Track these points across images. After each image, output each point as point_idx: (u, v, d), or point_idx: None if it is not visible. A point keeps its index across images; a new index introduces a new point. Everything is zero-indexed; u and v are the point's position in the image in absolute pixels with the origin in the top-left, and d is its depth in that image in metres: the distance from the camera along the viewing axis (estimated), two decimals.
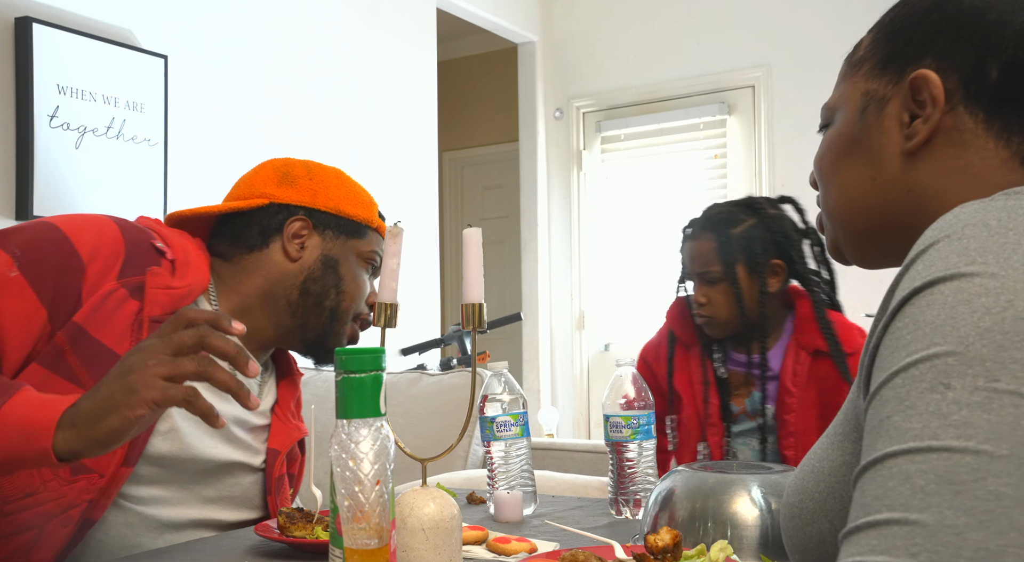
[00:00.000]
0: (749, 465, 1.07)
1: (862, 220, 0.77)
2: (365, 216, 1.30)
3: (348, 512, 0.70)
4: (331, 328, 1.27)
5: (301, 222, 1.26)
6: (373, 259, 1.31)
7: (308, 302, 1.25)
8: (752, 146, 4.16)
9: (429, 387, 2.18)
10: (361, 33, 3.32)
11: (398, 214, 3.38)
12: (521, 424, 1.31)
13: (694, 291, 1.64)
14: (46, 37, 2.28)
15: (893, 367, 0.54)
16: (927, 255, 0.57)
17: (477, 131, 5.52)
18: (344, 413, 0.72)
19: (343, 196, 1.29)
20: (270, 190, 1.26)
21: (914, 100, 0.72)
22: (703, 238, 1.63)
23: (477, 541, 1.03)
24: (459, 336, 3.14)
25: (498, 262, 5.16)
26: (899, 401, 0.52)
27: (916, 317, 0.54)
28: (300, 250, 1.25)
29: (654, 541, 0.81)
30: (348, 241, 1.28)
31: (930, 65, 0.72)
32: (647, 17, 4.36)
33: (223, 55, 2.79)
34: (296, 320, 1.25)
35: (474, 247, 0.92)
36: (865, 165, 0.75)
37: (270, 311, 1.25)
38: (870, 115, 0.75)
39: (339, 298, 1.27)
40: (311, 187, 1.27)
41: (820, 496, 0.69)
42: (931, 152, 0.72)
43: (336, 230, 1.28)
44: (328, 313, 1.26)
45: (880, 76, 0.75)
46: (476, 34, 4.68)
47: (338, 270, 1.27)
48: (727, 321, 1.62)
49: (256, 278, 1.24)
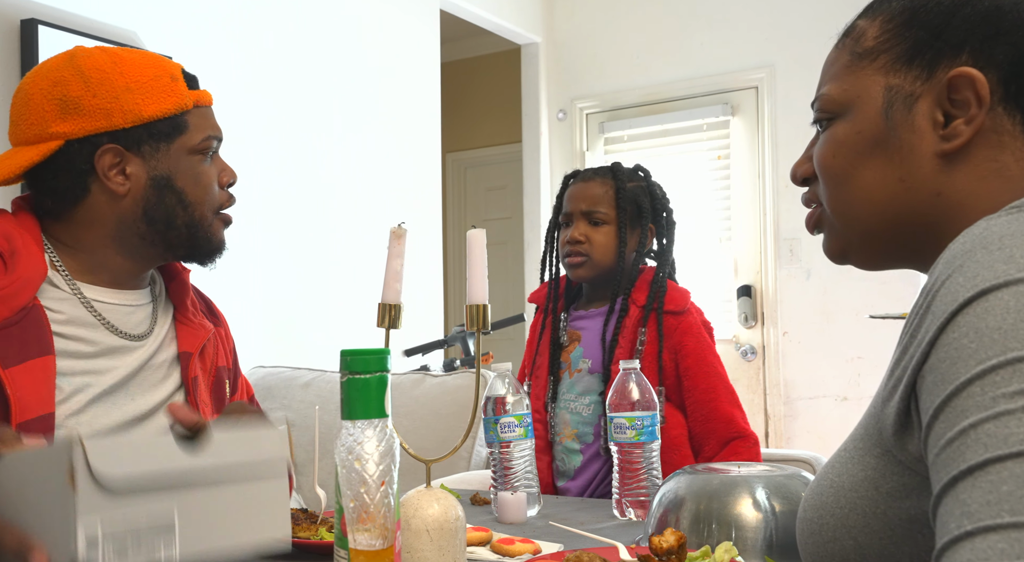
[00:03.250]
0: (754, 466, 1.07)
1: (883, 222, 0.74)
2: (175, 105, 1.12)
3: (353, 513, 0.70)
4: (197, 237, 1.16)
5: (111, 152, 1.10)
6: (208, 146, 1.16)
7: (159, 228, 1.13)
8: (755, 147, 4.15)
9: (432, 388, 2.18)
10: (364, 35, 3.33)
11: (401, 215, 3.38)
12: (525, 425, 1.32)
13: (572, 231, 1.64)
14: (51, 39, 2.28)
15: (962, 377, 0.53)
16: (967, 267, 0.56)
17: (480, 132, 5.53)
18: (349, 414, 0.72)
19: (140, 98, 1.10)
20: (57, 127, 1.09)
21: (949, 98, 0.69)
22: (599, 180, 1.67)
23: (481, 542, 1.04)
24: (462, 337, 3.14)
25: (501, 263, 5.16)
26: (983, 408, 0.51)
27: (976, 325, 0.54)
28: (124, 181, 1.11)
29: (659, 542, 0.81)
30: (170, 145, 1.13)
31: (967, 62, 0.68)
32: (650, 18, 4.36)
33: (226, 56, 2.80)
34: (157, 247, 1.15)
35: (478, 248, 0.92)
36: (893, 166, 0.72)
37: (127, 251, 1.14)
38: (897, 113, 0.72)
39: (189, 211, 1.14)
40: (99, 105, 1.09)
41: (841, 512, 0.68)
42: (967, 154, 0.69)
43: (152, 141, 1.12)
44: (185, 229, 1.14)
45: (905, 71, 0.72)
46: (479, 35, 4.68)
47: (174, 185, 1.13)
48: (599, 263, 1.63)
49: (95, 229, 1.13)
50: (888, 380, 0.64)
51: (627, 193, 1.64)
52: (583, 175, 1.70)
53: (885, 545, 0.65)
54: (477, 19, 4.11)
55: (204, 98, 1.18)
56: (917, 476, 0.62)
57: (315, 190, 3.09)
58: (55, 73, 1.11)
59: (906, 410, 0.61)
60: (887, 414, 0.63)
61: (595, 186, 1.66)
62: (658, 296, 1.61)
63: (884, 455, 0.65)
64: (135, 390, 1.15)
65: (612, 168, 1.69)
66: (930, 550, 0.61)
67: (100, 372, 1.12)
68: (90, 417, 1.10)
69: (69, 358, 1.10)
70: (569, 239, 1.65)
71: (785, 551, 0.93)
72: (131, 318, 1.17)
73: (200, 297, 1.32)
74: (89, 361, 1.12)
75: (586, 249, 1.63)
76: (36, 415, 1.02)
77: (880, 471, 0.65)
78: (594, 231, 1.63)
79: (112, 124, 1.10)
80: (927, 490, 0.60)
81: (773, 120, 4.09)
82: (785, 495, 0.96)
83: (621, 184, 1.64)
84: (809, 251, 3.98)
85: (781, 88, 4.06)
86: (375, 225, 3.29)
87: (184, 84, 1.16)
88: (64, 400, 1.08)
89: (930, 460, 0.55)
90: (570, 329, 1.69)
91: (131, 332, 1.16)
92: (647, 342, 1.59)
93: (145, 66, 1.13)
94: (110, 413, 1.12)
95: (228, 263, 1.29)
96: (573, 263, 1.65)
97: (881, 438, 0.65)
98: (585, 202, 1.65)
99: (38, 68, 1.15)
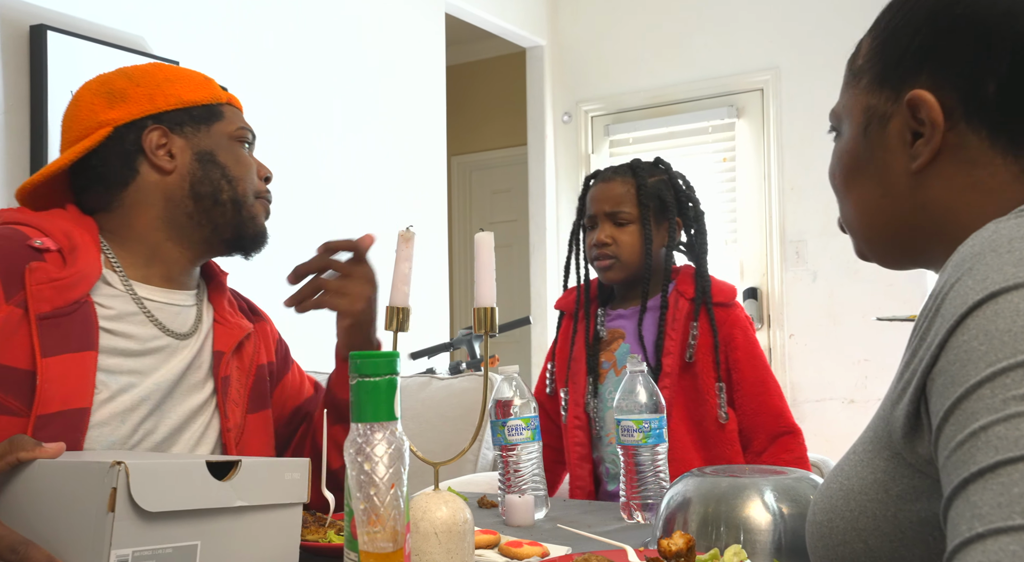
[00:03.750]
0: (762, 469, 1.07)
1: (880, 233, 0.77)
2: (211, 96, 1.22)
3: (363, 515, 0.71)
4: (240, 217, 1.20)
5: (157, 131, 1.17)
6: (244, 135, 1.23)
7: (206, 205, 1.18)
8: (761, 149, 4.15)
9: (438, 391, 2.18)
10: (369, 38, 3.33)
11: (407, 218, 3.39)
12: (532, 428, 1.32)
13: (598, 234, 1.64)
14: (60, 44, 2.29)
15: (972, 379, 0.53)
16: (976, 270, 0.57)
17: (485, 135, 5.53)
18: (359, 417, 0.72)
19: (179, 87, 1.19)
20: (105, 116, 1.16)
21: (914, 118, 0.71)
22: (619, 180, 1.65)
23: (489, 545, 1.04)
24: (468, 340, 3.14)
25: (507, 266, 5.16)
26: (994, 411, 0.51)
27: (986, 328, 0.54)
28: (171, 158, 1.17)
29: (667, 545, 0.81)
30: (211, 128, 1.20)
31: (925, 83, 0.70)
32: (655, 20, 4.36)
33: (233, 60, 2.80)
34: (205, 228, 1.19)
35: (486, 251, 0.92)
36: (875, 184, 0.75)
37: (177, 235, 1.18)
38: (873, 132, 0.74)
39: (233, 185, 1.20)
40: (144, 93, 1.17)
41: (851, 515, 0.68)
42: (939, 170, 0.71)
43: (193, 123, 1.19)
44: (230, 205, 1.19)
45: (879, 92, 0.74)
46: (484, 39, 4.69)
47: (217, 159, 1.19)
48: (629, 263, 1.62)
49: (146, 210, 1.17)
50: (897, 383, 0.64)
51: (649, 189, 1.63)
52: (603, 175, 1.69)
53: (895, 548, 0.65)
54: (482, 22, 4.12)
55: (235, 101, 1.27)
56: (927, 479, 0.62)
57: (320, 193, 3.10)
58: (101, 77, 1.21)
59: (915, 413, 0.61)
60: (896, 417, 0.63)
61: (616, 186, 1.65)
62: (705, 289, 1.60)
63: (893, 457, 0.65)
64: (179, 393, 1.17)
65: (631, 166, 1.67)
66: (941, 553, 0.61)
67: (146, 372, 1.13)
68: (138, 418, 1.11)
69: (116, 355, 1.11)
70: (596, 242, 1.64)
71: (794, 554, 0.93)
72: (179, 318, 1.19)
73: (239, 297, 1.34)
74: (137, 359, 1.13)
75: (614, 250, 1.62)
76: (61, 409, 1.03)
77: (890, 474, 0.65)
78: (619, 232, 1.62)
79: (156, 107, 1.17)
80: (937, 493, 0.60)
81: (779, 122, 4.08)
82: (793, 498, 0.96)
83: (642, 181, 1.63)
84: (815, 253, 3.97)
85: (787, 90, 4.06)
86: (381, 228, 3.28)
87: (217, 85, 1.25)
88: (111, 398, 1.09)
89: (940, 463, 0.55)
90: (610, 328, 1.67)
91: (178, 331, 1.18)
92: (699, 335, 1.58)
93: (185, 70, 1.24)
94: (155, 416, 1.14)
95: (231, 266, 1.29)
96: (603, 266, 1.64)
97: (890, 441, 0.65)
98: (608, 203, 1.64)
99: (87, 81, 1.22)
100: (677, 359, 1.58)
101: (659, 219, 1.64)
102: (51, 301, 1.05)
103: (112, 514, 0.72)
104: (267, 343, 1.31)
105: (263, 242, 1.24)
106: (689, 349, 1.58)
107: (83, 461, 0.80)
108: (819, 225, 3.92)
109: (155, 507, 0.75)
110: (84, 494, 0.75)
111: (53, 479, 0.79)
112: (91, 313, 1.09)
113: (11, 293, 1.03)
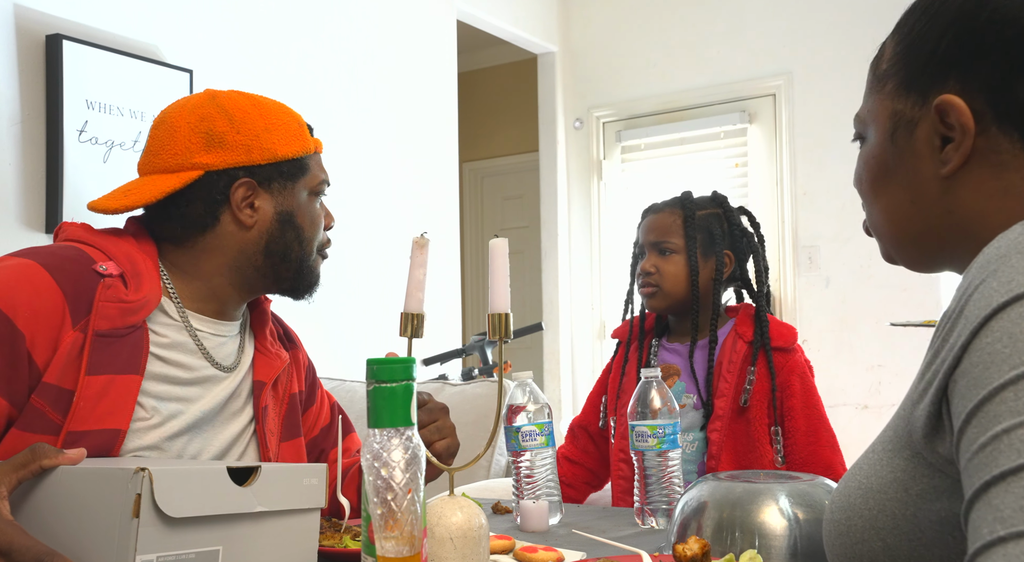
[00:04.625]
0: (777, 474, 1.07)
1: (908, 238, 0.76)
2: (302, 149, 1.22)
3: (380, 520, 0.71)
4: (301, 272, 1.23)
5: (245, 186, 1.18)
6: (321, 187, 1.25)
7: (274, 261, 1.21)
8: (774, 155, 4.14)
9: (452, 397, 2.18)
10: (382, 45, 3.35)
11: (419, 225, 3.40)
12: (547, 433, 1.32)
13: (644, 263, 1.67)
14: (75, 54, 2.32)
15: (996, 382, 0.53)
16: (999, 273, 0.56)
17: (497, 142, 5.54)
18: (376, 422, 0.73)
19: (276, 139, 1.19)
20: (200, 158, 1.16)
21: (943, 123, 0.70)
22: (668, 211, 1.69)
23: (504, 550, 1.04)
24: (481, 346, 3.14)
25: (519, 272, 5.17)
26: (1016, 414, 0.51)
27: (1010, 330, 0.54)
28: (253, 215, 1.18)
29: (683, 550, 0.81)
30: (295, 184, 1.21)
31: (953, 88, 0.69)
32: (666, 26, 4.37)
33: (246, 68, 2.82)
34: (267, 280, 1.22)
35: (500, 257, 0.92)
36: (903, 190, 0.74)
37: (238, 281, 1.21)
38: (900, 139, 0.74)
39: (303, 246, 1.22)
40: (242, 141, 1.17)
41: (870, 514, 0.68)
42: (968, 175, 0.70)
43: (281, 179, 1.20)
44: (296, 264, 1.22)
45: (905, 97, 0.73)
46: (496, 45, 4.70)
47: (295, 222, 1.21)
48: (671, 292, 1.64)
49: (217, 257, 1.19)
50: (919, 383, 0.64)
51: (696, 221, 1.65)
52: (654, 207, 1.72)
53: (915, 547, 0.65)
54: (493, 29, 4.13)
55: (319, 146, 1.27)
56: (948, 478, 0.62)
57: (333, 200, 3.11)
58: (201, 109, 1.18)
59: (937, 413, 0.60)
60: (917, 417, 0.63)
61: (664, 217, 1.68)
62: (764, 332, 1.60)
63: (914, 457, 0.65)
64: (219, 421, 1.19)
65: (682, 198, 1.71)
66: (961, 553, 0.61)
67: (192, 400, 1.16)
68: (181, 445, 1.14)
69: (165, 383, 1.13)
70: (640, 271, 1.67)
71: (809, 559, 0.92)
72: (224, 348, 1.21)
73: (278, 323, 1.35)
74: (184, 388, 1.15)
75: (656, 280, 1.65)
76: (95, 428, 1.04)
77: (910, 473, 0.65)
78: (664, 261, 1.65)
79: (251, 159, 1.18)
80: (958, 492, 0.60)
81: (791, 127, 4.07)
82: (808, 503, 0.96)
83: (689, 213, 1.66)
84: (828, 258, 3.96)
85: (799, 95, 4.05)
86: (393, 235, 3.30)
87: (308, 131, 1.25)
88: (157, 425, 1.11)
89: (962, 465, 0.55)
90: (664, 364, 1.67)
91: (224, 363, 1.21)
92: (755, 381, 1.58)
93: (280, 112, 1.22)
94: (196, 443, 1.16)
95: None
96: (645, 293, 1.67)
97: (911, 440, 0.65)
98: (654, 233, 1.67)
99: (181, 104, 1.21)
100: (730, 402, 1.57)
101: (707, 251, 1.65)
102: (112, 320, 1.06)
103: (137, 520, 0.73)
104: (299, 372, 1.34)
105: (315, 288, 1.27)
106: (744, 394, 1.57)
107: (107, 468, 0.81)
108: (832, 230, 3.91)
109: (179, 513, 0.76)
110: (108, 500, 0.76)
111: (76, 486, 0.80)
112: (144, 339, 1.10)
113: (77, 319, 1.05)
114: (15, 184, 2.25)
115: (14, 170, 2.25)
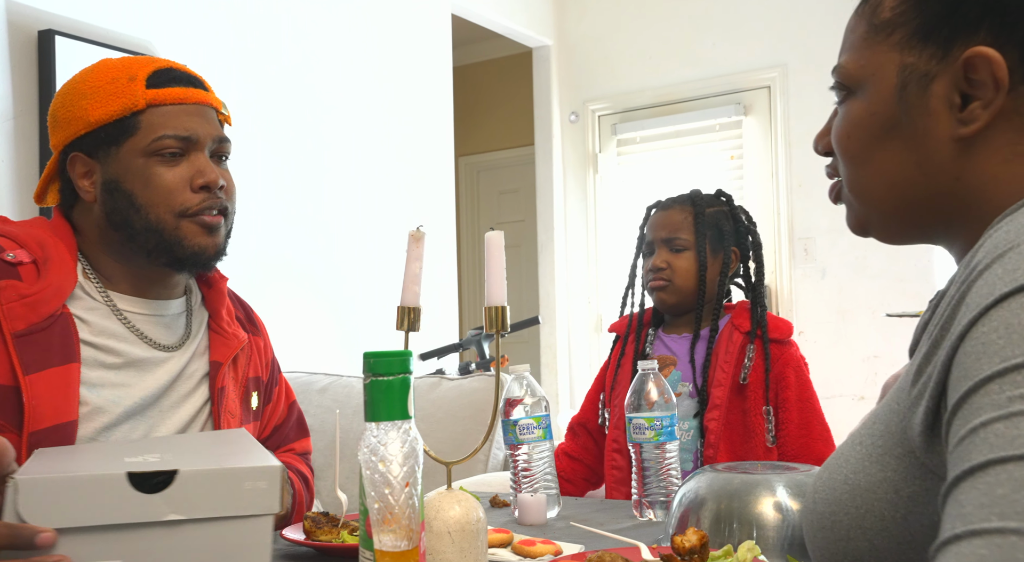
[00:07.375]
0: (774, 465, 1.07)
1: (902, 204, 0.70)
2: (120, 106, 1.10)
3: (378, 514, 0.71)
4: (168, 240, 1.12)
5: (78, 160, 1.13)
6: (161, 145, 1.11)
7: (127, 233, 1.12)
8: (769, 147, 4.14)
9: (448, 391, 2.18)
10: (377, 40, 3.34)
11: (415, 220, 3.39)
12: (544, 427, 1.32)
13: (655, 259, 1.68)
14: (68, 49, 2.31)
15: (984, 373, 0.50)
16: (1006, 260, 0.53)
17: (493, 135, 5.54)
18: (373, 416, 0.73)
19: (89, 104, 1.10)
20: (51, 142, 1.16)
21: (966, 78, 0.64)
22: (678, 208, 1.69)
23: (502, 544, 1.04)
24: (477, 340, 3.14)
25: (515, 266, 5.16)
26: (998, 407, 0.48)
27: (1008, 321, 0.51)
28: (91, 187, 1.13)
29: (681, 542, 0.81)
30: (120, 148, 1.11)
31: (985, 40, 0.63)
32: (662, 19, 4.36)
33: (239, 64, 2.81)
34: (140, 254, 1.13)
35: (497, 250, 0.92)
36: (908, 150, 0.68)
37: (120, 257, 1.15)
38: (911, 94, 0.67)
39: (143, 213, 1.11)
40: (65, 115, 1.12)
41: (857, 512, 0.64)
42: (987, 138, 0.65)
43: (105, 144, 1.11)
44: (149, 232, 1.11)
45: (920, 48, 0.67)
46: (491, 39, 4.69)
47: (122, 187, 1.11)
48: (682, 289, 1.65)
49: (88, 235, 1.15)
50: (917, 376, 0.61)
51: (706, 218, 1.66)
52: (663, 204, 1.73)
53: (903, 550, 0.62)
54: (488, 23, 4.12)
55: (170, 96, 1.13)
56: (941, 481, 0.59)
57: (328, 194, 3.10)
58: (56, 96, 1.18)
59: (935, 409, 0.57)
60: (915, 414, 0.60)
61: (674, 213, 1.69)
62: (761, 322, 1.61)
63: (906, 456, 0.62)
64: (167, 405, 1.15)
65: (691, 195, 1.72)
66: None
67: (130, 385, 1.12)
68: (123, 434, 1.10)
69: (98, 368, 1.10)
70: (651, 267, 1.68)
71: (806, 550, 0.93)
72: (162, 329, 1.17)
73: (240, 305, 1.31)
74: (118, 372, 1.12)
75: (668, 275, 1.66)
76: (52, 424, 1.02)
77: (901, 473, 0.62)
78: (675, 257, 1.66)
79: (75, 132, 1.13)
80: None
81: (786, 119, 4.07)
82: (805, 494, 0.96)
83: (700, 210, 1.67)
84: (824, 250, 3.96)
85: (794, 87, 4.05)
86: (389, 229, 3.30)
87: (142, 84, 1.12)
88: (93, 413, 1.08)
89: (948, 461, 0.52)
90: (660, 355, 1.68)
91: (163, 343, 1.16)
92: (753, 359, 1.59)
93: (109, 70, 1.13)
94: (140, 429, 1.12)
95: (241, 269, 1.29)
96: (656, 287, 1.67)
97: (905, 437, 0.62)
98: (665, 230, 1.68)
99: None
100: (727, 391, 1.58)
101: (715, 248, 1.67)
102: (24, 318, 1.03)
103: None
104: (261, 357, 1.30)
105: (207, 260, 1.15)
106: (744, 370, 1.58)
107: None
108: (827, 222, 3.91)
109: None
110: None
111: None
112: (69, 324, 1.07)
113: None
114: (8, 180, 2.24)
115: (7, 166, 2.24)
